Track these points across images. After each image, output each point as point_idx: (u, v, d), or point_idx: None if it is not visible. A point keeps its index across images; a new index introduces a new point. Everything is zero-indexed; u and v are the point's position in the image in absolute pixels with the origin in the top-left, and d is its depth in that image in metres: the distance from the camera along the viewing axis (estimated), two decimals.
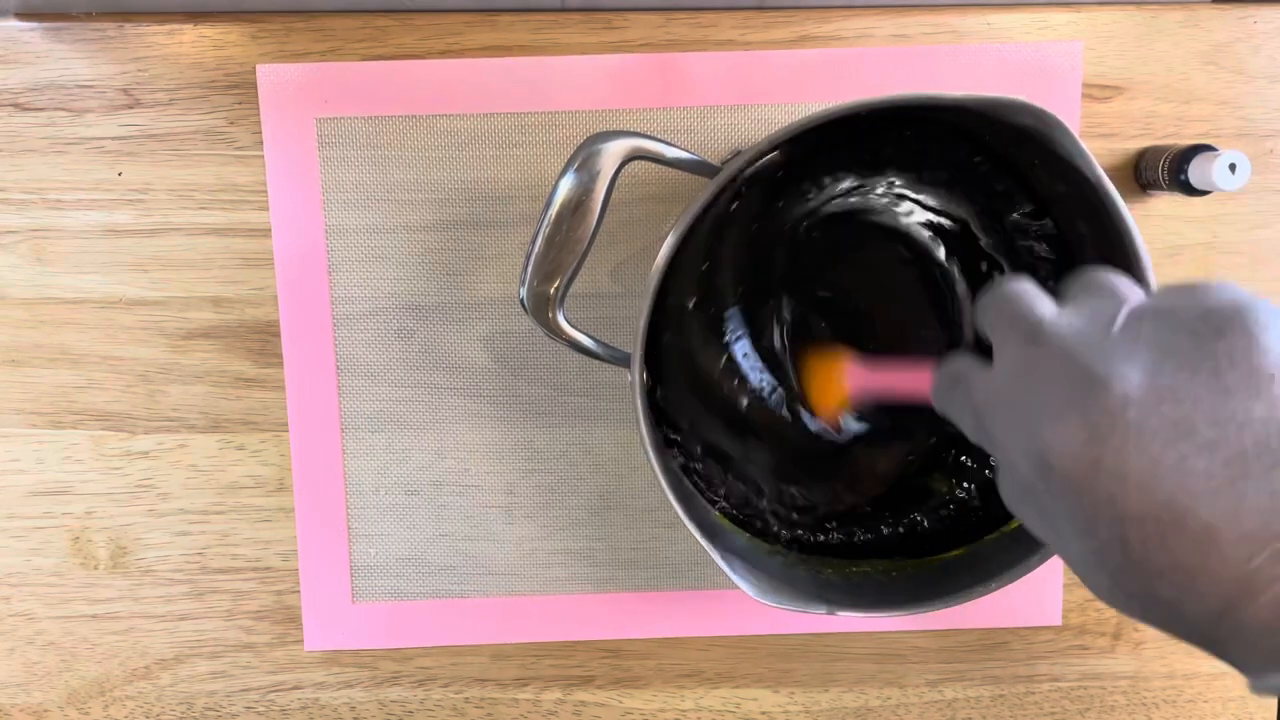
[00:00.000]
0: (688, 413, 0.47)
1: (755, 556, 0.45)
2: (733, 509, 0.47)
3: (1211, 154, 0.46)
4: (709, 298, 0.47)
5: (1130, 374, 0.24)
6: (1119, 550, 0.24)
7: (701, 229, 0.45)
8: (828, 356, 0.42)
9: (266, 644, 0.53)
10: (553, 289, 0.40)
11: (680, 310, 0.46)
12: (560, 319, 0.41)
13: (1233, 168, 0.46)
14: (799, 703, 0.54)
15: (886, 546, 0.48)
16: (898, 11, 0.49)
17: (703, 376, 0.48)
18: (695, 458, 0.47)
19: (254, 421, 0.52)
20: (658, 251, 0.39)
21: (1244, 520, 0.22)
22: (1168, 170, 0.48)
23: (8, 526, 0.52)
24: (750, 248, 0.47)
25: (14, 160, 0.49)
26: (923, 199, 0.46)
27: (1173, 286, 0.27)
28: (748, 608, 0.53)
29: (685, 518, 0.41)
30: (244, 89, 0.49)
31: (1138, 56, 0.50)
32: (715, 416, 0.48)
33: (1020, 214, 0.45)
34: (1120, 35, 0.50)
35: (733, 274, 0.47)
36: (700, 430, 0.47)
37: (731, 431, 0.48)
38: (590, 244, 0.40)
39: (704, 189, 0.38)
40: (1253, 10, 0.50)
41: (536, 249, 0.40)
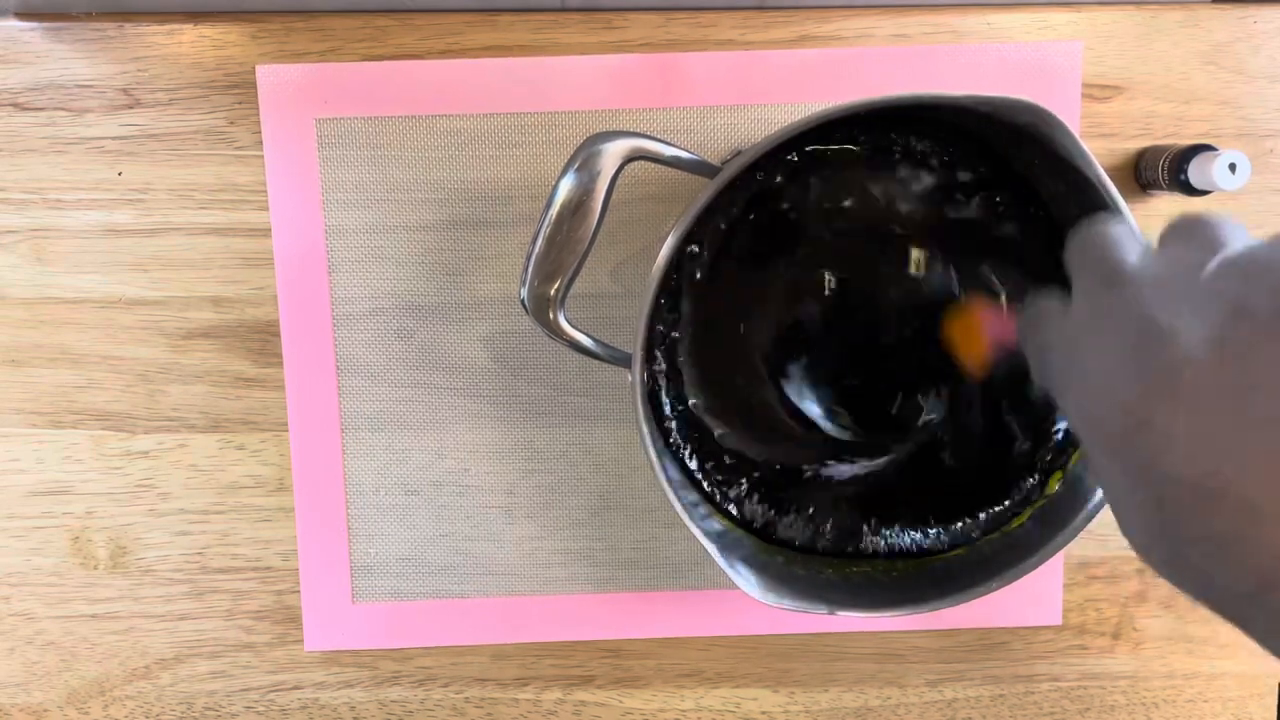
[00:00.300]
0: (723, 421, 0.47)
1: (755, 556, 0.45)
2: (736, 509, 0.47)
3: (1211, 154, 0.46)
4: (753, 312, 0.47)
5: (1197, 330, 0.23)
6: (1155, 511, 0.23)
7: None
8: (966, 309, 0.43)
9: (266, 644, 0.53)
10: (553, 289, 0.40)
11: (728, 324, 0.46)
12: (561, 319, 0.41)
13: (1233, 168, 0.46)
14: (799, 703, 0.54)
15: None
16: (898, 11, 0.49)
17: (744, 394, 0.47)
18: (718, 463, 0.47)
19: (254, 421, 0.52)
20: (658, 251, 0.39)
21: None
22: (1168, 170, 0.48)
23: (8, 526, 0.52)
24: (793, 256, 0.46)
25: (14, 160, 0.49)
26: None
27: (1275, 237, 0.24)
28: (748, 608, 0.53)
29: (685, 518, 0.41)
30: (244, 89, 0.49)
31: (1137, 56, 0.50)
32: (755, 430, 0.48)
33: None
34: (1120, 35, 0.50)
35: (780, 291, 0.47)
36: (730, 441, 0.47)
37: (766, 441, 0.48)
38: (591, 244, 0.40)
39: (704, 189, 0.38)
40: (1253, 10, 0.50)
41: (537, 249, 0.40)
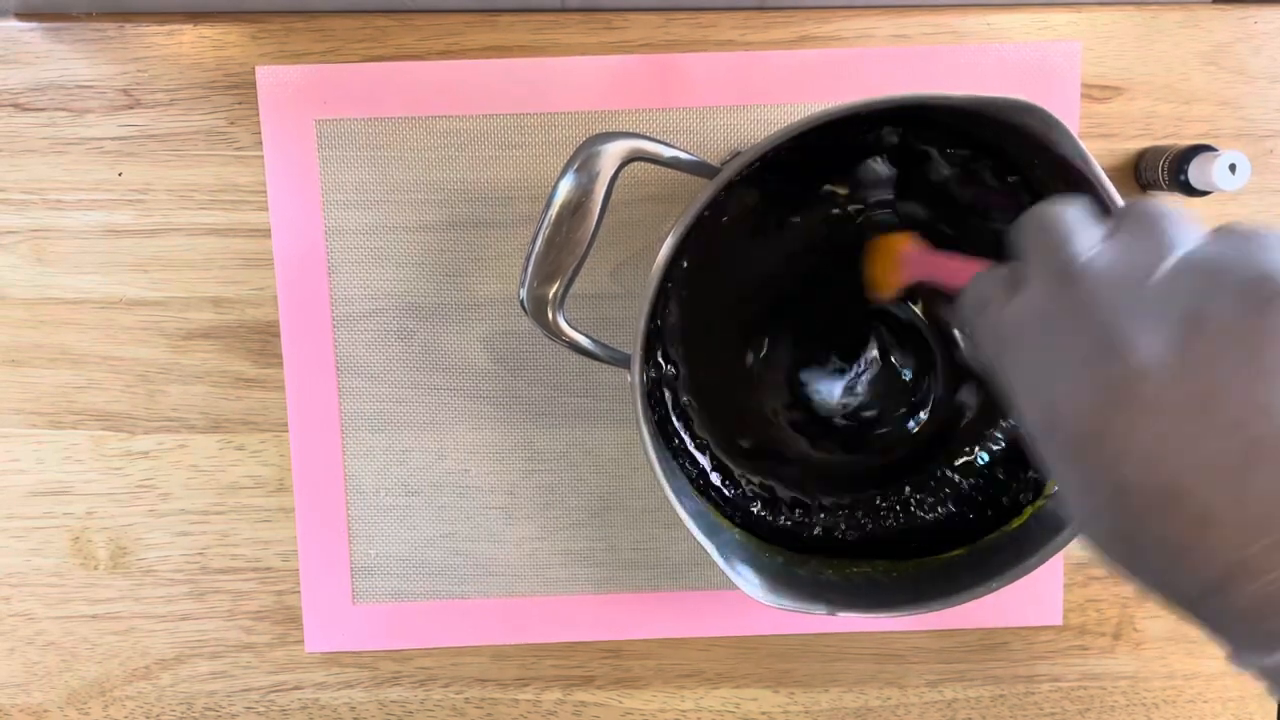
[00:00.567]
0: (710, 416, 0.48)
1: (755, 556, 0.45)
2: (737, 508, 0.47)
3: (1211, 154, 0.46)
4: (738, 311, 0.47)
5: (1155, 340, 0.23)
6: (1112, 515, 0.24)
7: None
8: (891, 238, 0.42)
9: (267, 644, 0.53)
10: (552, 291, 0.40)
11: (710, 319, 0.47)
12: (560, 320, 0.40)
13: (1233, 168, 0.46)
14: (799, 703, 0.54)
15: (887, 546, 0.48)
16: (898, 11, 0.49)
17: (732, 386, 0.48)
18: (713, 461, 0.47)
19: (254, 421, 0.52)
20: (658, 251, 0.39)
21: (1247, 507, 0.22)
22: (1168, 170, 0.48)
23: (8, 526, 0.52)
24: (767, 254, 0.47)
25: (14, 160, 0.49)
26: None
27: (1235, 231, 0.24)
28: (748, 608, 0.53)
29: (685, 518, 0.41)
30: (244, 89, 0.49)
31: (1137, 57, 0.50)
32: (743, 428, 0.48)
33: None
34: (1120, 35, 0.50)
35: (759, 286, 0.47)
36: (721, 438, 0.48)
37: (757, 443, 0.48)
38: (590, 245, 0.40)
39: (704, 190, 0.38)
40: (1253, 10, 0.50)
41: (536, 250, 0.40)
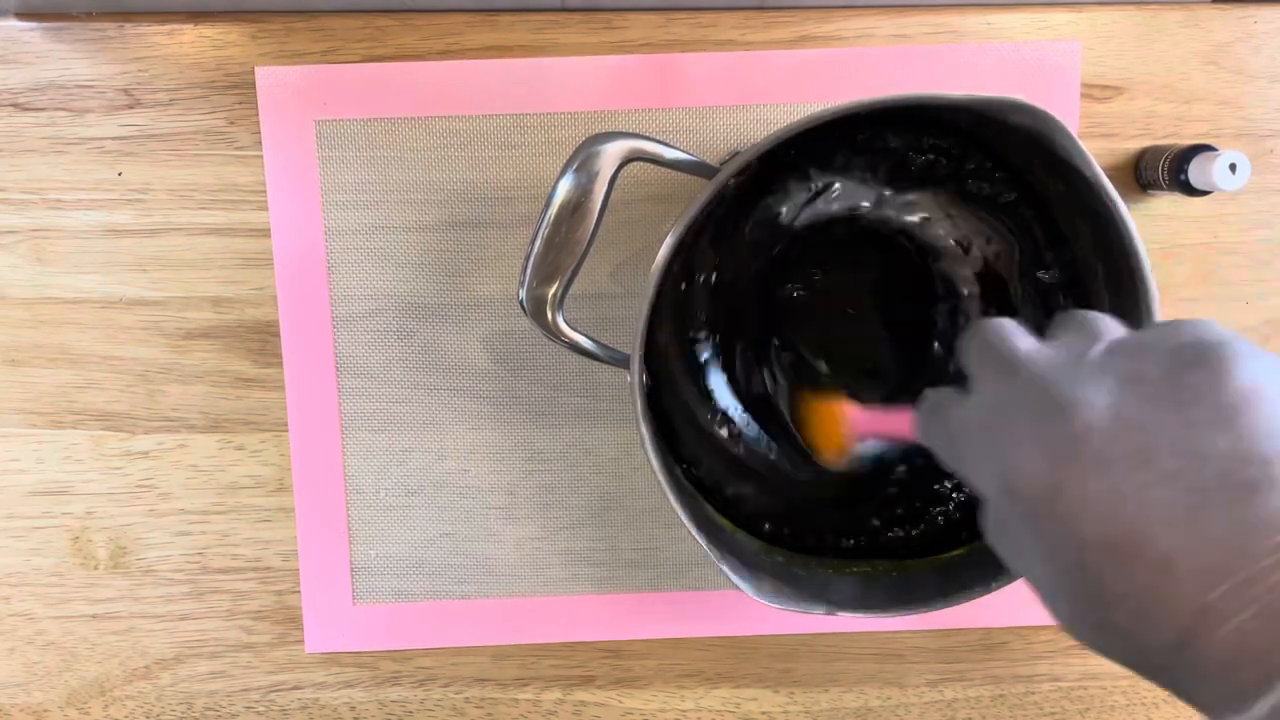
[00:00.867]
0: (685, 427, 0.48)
1: (755, 556, 0.45)
2: (737, 509, 0.47)
3: (1211, 154, 0.46)
4: (687, 323, 0.47)
5: (1096, 402, 0.25)
6: (1077, 576, 0.24)
7: (700, 244, 0.45)
8: (825, 401, 0.41)
9: (267, 644, 0.53)
10: (552, 291, 0.40)
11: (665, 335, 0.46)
12: (560, 321, 0.40)
13: (1233, 168, 0.46)
14: (799, 703, 0.54)
15: (887, 546, 0.48)
16: (898, 11, 0.49)
17: (690, 409, 0.48)
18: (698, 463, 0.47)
19: (254, 421, 0.52)
20: (658, 251, 0.39)
21: (1204, 553, 0.22)
22: (1168, 170, 0.48)
23: (8, 526, 0.52)
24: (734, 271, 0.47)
25: (14, 160, 0.49)
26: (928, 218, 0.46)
27: (1155, 323, 0.27)
28: (748, 608, 0.53)
29: (685, 518, 0.41)
30: (244, 89, 0.49)
31: (1137, 56, 0.50)
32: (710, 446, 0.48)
33: (1042, 253, 0.45)
34: (1120, 35, 0.50)
35: (713, 305, 0.47)
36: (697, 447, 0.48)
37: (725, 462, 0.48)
38: (589, 245, 0.40)
39: (703, 189, 0.38)
40: (1253, 10, 0.50)
41: (535, 250, 0.40)
